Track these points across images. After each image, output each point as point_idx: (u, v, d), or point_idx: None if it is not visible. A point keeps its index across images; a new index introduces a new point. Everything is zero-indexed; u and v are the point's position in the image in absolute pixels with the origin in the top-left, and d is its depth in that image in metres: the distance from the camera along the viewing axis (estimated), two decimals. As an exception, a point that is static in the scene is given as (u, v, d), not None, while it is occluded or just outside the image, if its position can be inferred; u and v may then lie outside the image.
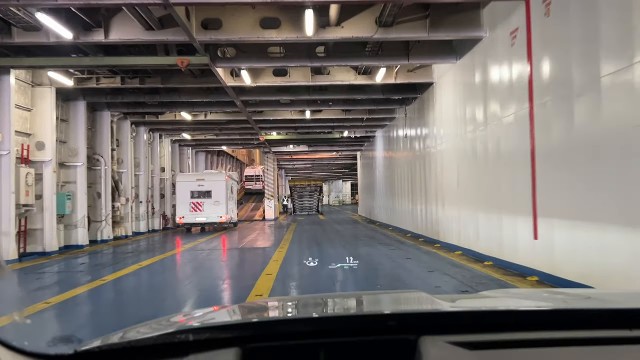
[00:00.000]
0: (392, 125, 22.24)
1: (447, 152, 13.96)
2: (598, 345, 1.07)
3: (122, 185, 20.26)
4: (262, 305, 1.91)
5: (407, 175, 19.28)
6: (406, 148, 19.36)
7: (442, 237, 14.53)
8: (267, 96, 16.76)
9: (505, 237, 9.92)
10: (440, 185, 14.73)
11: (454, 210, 13.41)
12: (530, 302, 1.63)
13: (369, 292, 4.85)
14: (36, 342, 1.04)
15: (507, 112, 9.76)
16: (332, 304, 1.79)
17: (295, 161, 44.44)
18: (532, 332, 1.11)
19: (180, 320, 1.49)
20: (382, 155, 25.57)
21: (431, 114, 15.48)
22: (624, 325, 1.11)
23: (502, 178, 10.08)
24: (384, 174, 25.16)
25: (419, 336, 1.07)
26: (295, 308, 1.72)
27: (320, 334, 1.14)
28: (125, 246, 17.23)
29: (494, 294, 1.92)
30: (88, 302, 8.17)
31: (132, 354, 1.10)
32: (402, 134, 20.02)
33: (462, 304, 1.61)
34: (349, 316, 1.39)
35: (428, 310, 1.40)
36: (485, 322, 1.18)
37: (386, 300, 1.83)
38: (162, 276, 11.01)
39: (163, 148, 26.44)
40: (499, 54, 10.18)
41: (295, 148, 32.58)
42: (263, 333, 1.15)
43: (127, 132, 20.75)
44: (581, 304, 1.49)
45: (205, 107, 18.80)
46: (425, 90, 15.92)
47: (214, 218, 23.22)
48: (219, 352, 1.06)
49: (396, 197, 21.56)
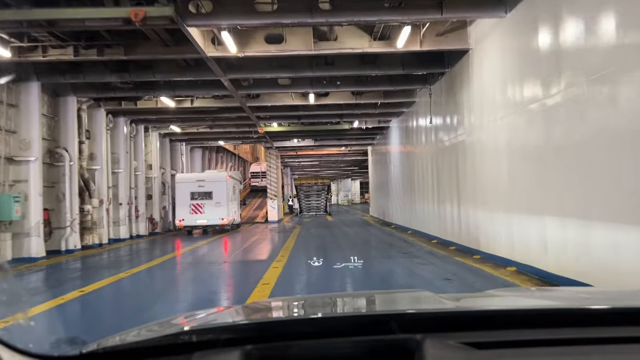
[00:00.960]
0: (410, 113, 19.05)
1: (490, 141, 10.77)
2: (604, 344, 1.05)
3: (95, 185, 17.25)
4: (265, 306, 1.95)
5: (431, 171, 16.08)
6: (430, 138, 16.16)
7: (483, 247, 11.35)
8: (261, 72, 13.64)
9: (601, 253, 6.72)
10: (479, 182, 11.55)
11: (501, 213, 10.22)
12: (535, 300, 1.67)
13: (373, 291, 4.77)
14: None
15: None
16: (336, 304, 1.79)
17: (300, 158, 41.28)
18: (538, 330, 1.10)
19: (182, 322, 1.50)
20: (398, 148, 22.36)
21: (465, 93, 12.29)
22: (630, 324, 1.09)
23: (593, 172, 6.89)
24: (400, 170, 21.95)
25: (423, 336, 1.05)
26: (299, 308, 1.73)
27: (324, 334, 1.13)
28: (90, 258, 14.20)
29: (499, 293, 1.91)
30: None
31: (136, 355, 1.10)
32: (424, 122, 16.83)
33: (466, 303, 1.55)
34: (353, 316, 1.40)
35: (433, 309, 1.39)
36: (490, 321, 1.16)
37: (391, 299, 1.83)
38: (98, 311, 7.88)
39: (150, 143, 23.43)
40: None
41: (300, 143, 29.43)
42: (266, 334, 1.15)
43: (101, 123, 17.74)
44: (586, 302, 1.50)
45: (188, 89, 15.71)
46: (457, 62, 12.73)
47: (215, 220, 21.81)
48: (222, 352, 1.05)
49: (417, 197, 18.37)
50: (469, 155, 12.18)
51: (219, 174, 24.31)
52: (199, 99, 17.66)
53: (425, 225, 17.14)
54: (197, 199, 22.03)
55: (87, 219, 16.58)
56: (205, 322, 1.48)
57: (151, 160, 23.49)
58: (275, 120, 21.97)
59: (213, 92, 15.93)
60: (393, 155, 23.73)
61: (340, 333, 1.12)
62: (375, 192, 31.82)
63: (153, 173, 23.52)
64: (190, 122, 21.95)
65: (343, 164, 50.04)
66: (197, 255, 14.96)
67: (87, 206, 16.57)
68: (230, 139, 27.66)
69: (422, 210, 17.51)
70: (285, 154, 35.96)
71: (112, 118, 18.66)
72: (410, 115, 19.13)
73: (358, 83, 15.58)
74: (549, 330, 1.10)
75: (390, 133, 23.93)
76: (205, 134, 25.21)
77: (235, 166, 44.55)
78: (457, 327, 1.12)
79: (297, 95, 17.25)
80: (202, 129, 23.67)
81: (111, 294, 9.12)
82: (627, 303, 1.40)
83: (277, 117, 21.49)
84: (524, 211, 9.14)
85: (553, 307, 1.40)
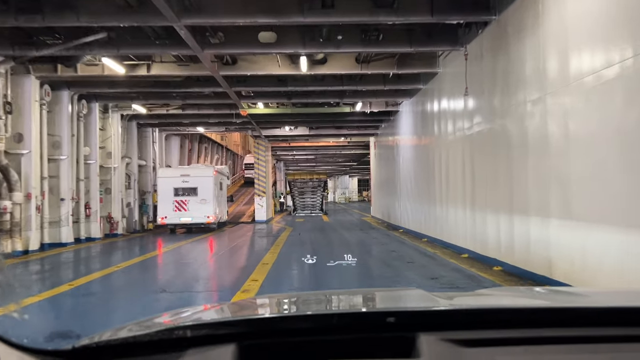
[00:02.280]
0: (428, 92, 15.08)
1: (590, 118, 6.80)
2: (595, 344, 1.06)
3: (19, 175, 13.22)
4: (258, 303, 1.94)
5: (462, 166, 12.11)
6: (461, 123, 12.19)
7: (559, 274, 7.38)
8: (232, 16, 9.62)
9: None
10: (556, 181, 7.58)
11: (607, 228, 6.25)
12: (527, 300, 1.66)
13: (367, 289, 4.68)
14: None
15: None
16: (330, 301, 1.81)
17: (294, 151, 37.27)
18: (530, 329, 1.10)
19: (170, 319, 1.43)
20: (410, 138, 18.34)
21: (531, 47, 8.31)
22: (620, 324, 1.11)
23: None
24: (413, 165, 17.93)
25: (417, 333, 1.05)
26: (294, 305, 1.71)
27: (320, 331, 1.13)
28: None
29: (491, 292, 1.92)
30: None
31: (129, 350, 1.09)
32: (450, 101, 12.88)
33: (459, 301, 1.53)
34: (347, 313, 1.37)
35: (426, 307, 1.39)
36: (483, 319, 1.17)
37: (384, 297, 1.83)
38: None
39: (110, 126, 19.37)
40: None
41: (293, 131, 25.41)
42: (261, 330, 1.15)
43: (30, 93, 13.68)
44: (578, 301, 1.50)
45: (137, 46, 11.65)
46: (513, 2, 8.78)
47: (200, 218, 20.39)
48: (217, 348, 1.05)
49: (437, 198, 14.39)
50: (535, 143, 8.18)
51: (205, 169, 22.21)
52: (156, 65, 13.56)
53: (450, 233, 13.16)
54: (181, 195, 20.49)
55: (4, 220, 12.56)
56: (197, 318, 1.46)
57: (111, 147, 19.44)
58: (261, 99, 17.90)
59: (171, 50, 11.88)
60: (403, 146, 19.72)
61: (335, 330, 1.13)
62: (378, 190, 27.79)
63: (113, 162, 19.46)
64: (156, 100, 17.87)
65: (341, 159, 46.03)
66: (132, 275, 10.84)
67: (5, 202, 12.55)
68: (211, 125, 23.59)
69: (445, 215, 13.52)
70: (277, 145, 31.96)
71: (49, 90, 14.60)
72: (428, 94, 15.14)
73: (365, 43, 11.55)
74: (541, 329, 1.10)
75: (400, 119, 19.92)
76: (178, 117, 21.15)
77: (222, 159, 40.52)
78: (451, 325, 1.13)
79: (284, 61, 13.21)
80: (173, 110, 19.62)
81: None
82: (619, 303, 1.41)
83: (262, 95, 17.45)
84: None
85: (546, 306, 1.42)
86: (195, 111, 19.50)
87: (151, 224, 23.08)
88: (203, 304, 1.93)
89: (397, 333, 1.08)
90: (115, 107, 19.43)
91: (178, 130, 25.56)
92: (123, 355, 1.08)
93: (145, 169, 23.49)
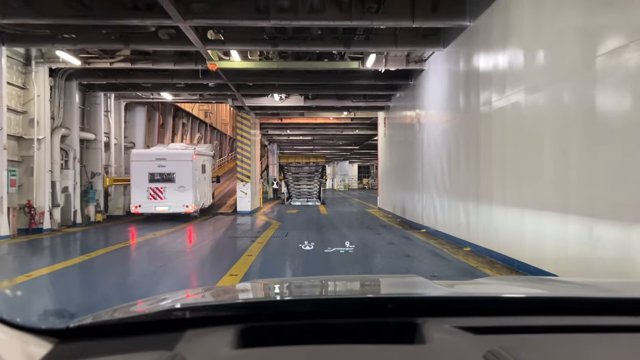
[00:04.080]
0: (482, 29, 10.05)
1: None
2: (597, 333, 1.06)
3: None
4: (259, 285, 1.87)
5: (557, 148, 7.12)
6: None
7: None
8: None
9: None
10: None
11: None
12: (529, 289, 1.64)
13: (369, 275, 4.52)
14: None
15: None
16: (332, 285, 1.78)
17: (288, 129, 32.18)
18: (534, 317, 1.11)
19: (155, 303, 1.35)
20: (444, 109, 13.22)
21: None
22: (624, 313, 1.12)
23: None
24: (447, 146, 12.81)
25: (423, 319, 1.05)
26: (293, 289, 1.68)
27: (321, 315, 1.11)
28: None
29: (491, 281, 2.02)
30: None
31: (124, 330, 1.07)
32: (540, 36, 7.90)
33: (460, 289, 1.53)
34: (350, 298, 1.37)
35: (430, 294, 1.38)
36: (487, 307, 1.17)
37: (386, 283, 1.82)
38: None
39: (33, 83, 14.33)
40: None
41: (284, 102, 20.31)
42: (263, 312, 1.12)
43: None
44: (581, 291, 1.51)
45: None
46: None
47: (178, 207, 18.37)
48: (217, 330, 1.03)
49: (493, 193, 9.41)
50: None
51: (184, 152, 19.14)
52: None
53: (523, 248, 8.17)
54: (157, 181, 18.36)
55: None
56: (195, 300, 1.44)
57: (34, 113, 14.40)
58: (235, 45, 12.69)
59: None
60: (429, 121, 14.63)
61: (338, 314, 1.11)
62: (388, 177, 22.67)
63: (37, 133, 14.44)
64: (87, 44, 12.68)
65: (342, 142, 40.91)
66: None
67: None
68: (178, 89, 18.41)
69: (520, 222, 8.51)
70: (267, 121, 26.91)
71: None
72: (481, 34, 10.09)
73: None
74: (544, 317, 1.11)
75: (425, 83, 14.83)
76: (129, 75, 16.05)
77: (207, 140, 35.35)
78: (454, 312, 1.12)
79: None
80: (120, 64, 14.48)
81: None
82: (621, 294, 1.40)
83: (235, 38, 12.30)
84: None
85: (549, 295, 1.41)
86: (149, 65, 14.34)
87: (100, 215, 18.12)
88: (185, 290, 1.47)
89: (399, 319, 1.08)
90: (40, 59, 14.37)
91: (140, 97, 20.43)
92: (119, 335, 1.05)
93: (95, 145, 18.50)
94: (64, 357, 0.99)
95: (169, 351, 0.96)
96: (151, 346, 1.00)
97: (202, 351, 0.97)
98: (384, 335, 1.04)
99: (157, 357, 0.95)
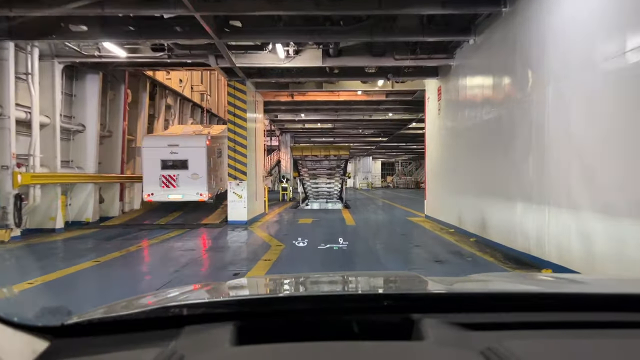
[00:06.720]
0: None
1: None
2: (594, 329, 1.06)
3: None
4: (256, 282, 1.88)
5: None
6: None
7: None
8: None
9: None
10: None
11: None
12: (525, 285, 1.63)
13: (366, 272, 4.65)
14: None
15: None
16: (329, 282, 1.77)
17: (302, 111, 25.33)
18: (535, 313, 1.10)
19: (160, 297, 1.41)
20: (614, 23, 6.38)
21: None
22: (618, 309, 1.11)
23: None
24: (625, 99, 6.01)
25: (420, 316, 1.05)
26: (291, 285, 1.68)
27: (319, 312, 1.12)
28: None
29: (488, 277, 1.91)
30: None
31: (120, 328, 1.06)
32: None
33: (457, 285, 1.54)
34: (347, 295, 1.36)
35: (427, 290, 1.39)
36: (484, 303, 1.16)
37: (384, 280, 1.81)
38: None
39: None
40: None
41: (294, 59, 13.48)
42: (261, 309, 1.13)
43: None
44: (578, 288, 1.49)
45: None
46: None
47: (191, 196, 17.29)
48: (214, 327, 1.02)
49: None
50: None
51: (197, 138, 17.96)
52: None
53: None
54: (170, 168, 17.23)
55: None
56: (190, 298, 1.41)
57: None
58: None
59: None
60: (563, 64, 7.76)
61: (336, 311, 1.11)
62: (447, 174, 15.55)
63: None
64: None
65: (369, 130, 33.92)
66: None
67: None
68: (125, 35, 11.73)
69: None
70: (272, 97, 20.14)
71: None
72: None
73: None
74: (540, 313, 1.10)
75: (537, 11, 7.94)
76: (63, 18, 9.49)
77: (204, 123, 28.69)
78: (451, 308, 1.12)
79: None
80: None
81: None
82: (618, 289, 1.40)
83: None
84: None
85: (544, 291, 1.41)
86: (89, 9, 7.72)
87: (4, 232, 11.65)
88: (193, 284, 1.47)
89: (396, 315, 1.08)
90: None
91: (80, 54, 13.82)
92: (115, 332, 1.05)
93: (1, 123, 12.03)
94: (61, 353, 0.97)
95: (166, 348, 0.95)
96: (149, 342, 0.98)
97: (200, 348, 0.95)
98: (381, 332, 1.03)
99: (155, 354, 0.94)
